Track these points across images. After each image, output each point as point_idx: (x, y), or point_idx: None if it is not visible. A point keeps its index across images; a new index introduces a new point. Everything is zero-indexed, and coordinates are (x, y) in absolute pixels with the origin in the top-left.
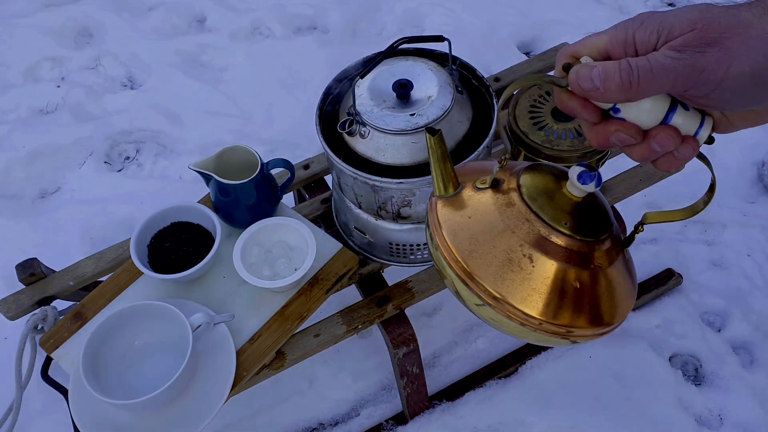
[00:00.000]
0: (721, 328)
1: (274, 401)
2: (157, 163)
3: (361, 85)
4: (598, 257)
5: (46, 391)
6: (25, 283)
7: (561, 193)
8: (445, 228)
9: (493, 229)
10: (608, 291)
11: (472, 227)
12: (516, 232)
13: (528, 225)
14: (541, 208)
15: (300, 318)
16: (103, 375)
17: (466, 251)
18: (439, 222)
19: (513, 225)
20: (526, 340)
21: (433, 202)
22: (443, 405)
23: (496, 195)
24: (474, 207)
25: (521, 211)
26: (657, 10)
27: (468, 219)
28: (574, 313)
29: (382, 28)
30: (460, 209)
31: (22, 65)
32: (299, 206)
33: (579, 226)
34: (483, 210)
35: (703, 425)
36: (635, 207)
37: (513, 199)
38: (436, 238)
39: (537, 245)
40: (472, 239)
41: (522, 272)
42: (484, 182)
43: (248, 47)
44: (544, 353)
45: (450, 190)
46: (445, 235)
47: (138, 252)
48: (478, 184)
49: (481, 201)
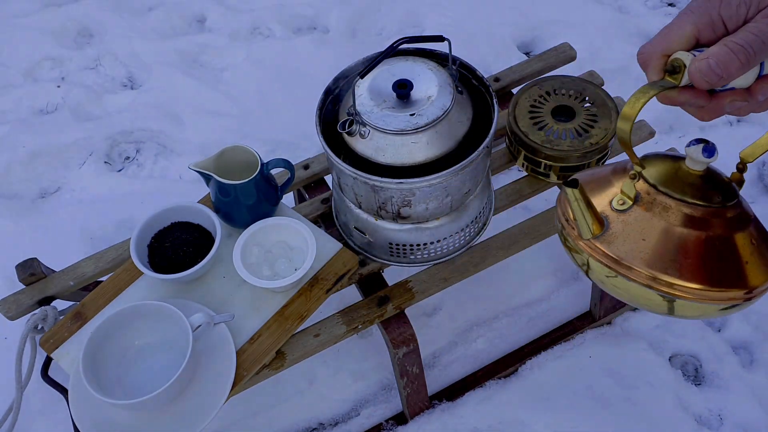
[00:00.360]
0: (721, 328)
1: (274, 401)
2: (157, 163)
3: (361, 85)
4: (743, 216)
5: (46, 391)
6: (25, 283)
7: (685, 172)
8: (625, 258)
9: (670, 236)
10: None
11: (648, 247)
12: (686, 226)
13: (688, 217)
14: (693, 196)
15: (300, 318)
16: (103, 375)
17: (660, 267)
18: (612, 257)
19: (678, 222)
20: (712, 317)
21: (588, 246)
22: (443, 405)
23: (645, 208)
24: (638, 229)
25: (679, 209)
26: (657, 9)
27: (642, 242)
28: (756, 272)
29: (382, 28)
30: (623, 239)
31: (22, 65)
32: (299, 206)
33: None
34: (648, 227)
35: (703, 425)
36: None
37: (665, 202)
38: (624, 272)
39: (703, 227)
40: (655, 254)
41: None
42: (623, 203)
43: (248, 47)
44: (544, 353)
45: (598, 230)
46: (634, 265)
47: (138, 252)
48: (617, 207)
49: (638, 220)
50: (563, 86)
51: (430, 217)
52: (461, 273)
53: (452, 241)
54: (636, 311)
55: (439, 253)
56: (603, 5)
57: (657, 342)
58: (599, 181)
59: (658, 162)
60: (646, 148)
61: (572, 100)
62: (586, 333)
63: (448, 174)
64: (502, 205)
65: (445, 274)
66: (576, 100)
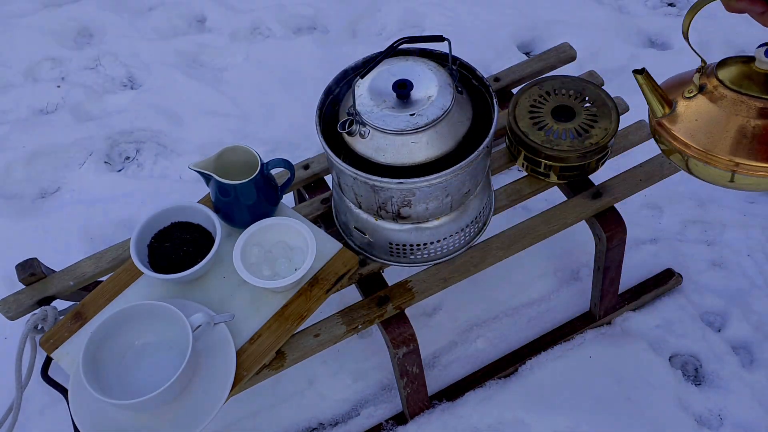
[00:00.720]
0: (721, 328)
1: (274, 401)
2: (157, 163)
3: (361, 85)
4: None
5: (46, 391)
6: (25, 283)
7: (755, 72)
8: (683, 135)
9: (720, 119)
10: None
11: (702, 127)
12: (739, 114)
13: (745, 105)
14: (748, 88)
15: (300, 318)
16: (103, 375)
17: (704, 139)
18: (675, 135)
19: (734, 110)
20: None
21: (659, 123)
22: (443, 405)
23: (707, 96)
24: (696, 111)
25: (734, 98)
26: (657, 9)
27: (695, 122)
28: None
29: (382, 28)
30: (685, 119)
31: (22, 65)
32: (299, 206)
33: None
34: (705, 111)
35: (703, 425)
36: (635, 207)
37: (722, 92)
38: (679, 147)
39: (759, 116)
40: (708, 134)
41: (758, 138)
42: (692, 91)
43: (248, 47)
44: (544, 353)
45: (667, 110)
46: (686, 140)
47: (138, 252)
48: (686, 94)
49: (700, 105)
50: (563, 86)
51: (430, 217)
52: (461, 273)
53: (452, 241)
54: (636, 311)
55: (439, 253)
56: (603, 5)
57: (657, 342)
58: (682, 78)
59: (731, 62)
60: (646, 148)
61: (572, 100)
62: (586, 333)
63: (448, 174)
64: (502, 205)
65: (445, 274)
66: (576, 100)
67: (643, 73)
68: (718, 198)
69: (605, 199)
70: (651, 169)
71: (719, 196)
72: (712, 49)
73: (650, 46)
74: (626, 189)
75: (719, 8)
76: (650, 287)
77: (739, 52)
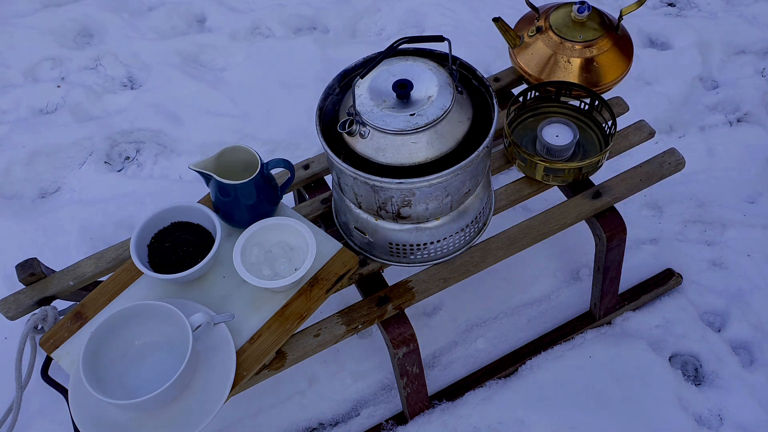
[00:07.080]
0: (721, 328)
1: (274, 401)
2: (157, 163)
3: (361, 85)
4: (602, 44)
5: (46, 391)
6: (25, 283)
7: (573, 20)
8: (522, 61)
9: (546, 53)
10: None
11: (535, 58)
12: (557, 51)
13: (561, 44)
14: (565, 34)
15: (300, 318)
16: (103, 375)
17: (535, 68)
18: (518, 61)
19: (554, 47)
20: None
21: (511, 53)
22: (443, 405)
23: (540, 37)
24: (533, 47)
25: (557, 40)
26: (657, 9)
27: (532, 55)
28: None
29: (382, 28)
30: (526, 51)
31: (22, 65)
32: (299, 206)
33: (587, 37)
34: (538, 48)
35: (703, 425)
36: (635, 207)
37: (550, 35)
38: (521, 66)
39: (569, 53)
40: (538, 62)
41: (565, 67)
42: (533, 32)
43: (248, 47)
44: (544, 353)
45: (518, 42)
46: (523, 64)
47: (138, 252)
48: (529, 33)
49: (535, 43)
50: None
51: (430, 217)
52: (461, 273)
53: (452, 241)
54: (636, 311)
55: (439, 253)
56: (603, 5)
57: (657, 342)
58: (530, 20)
59: (562, 8)
60: (646, 148)
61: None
62: (586, 333)
63: (448, 174)
64: (502, 205)
65: (445, 274)
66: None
67: (499, 21)
68: (718, 198)
69: (605, 199)
70: (651, 169)
71: (719, 195)
72: (712, 48)
73: (650, 46)
74: (626, 189)
75: (719, 8)
76: (650, 287)
77: (740, 51)
